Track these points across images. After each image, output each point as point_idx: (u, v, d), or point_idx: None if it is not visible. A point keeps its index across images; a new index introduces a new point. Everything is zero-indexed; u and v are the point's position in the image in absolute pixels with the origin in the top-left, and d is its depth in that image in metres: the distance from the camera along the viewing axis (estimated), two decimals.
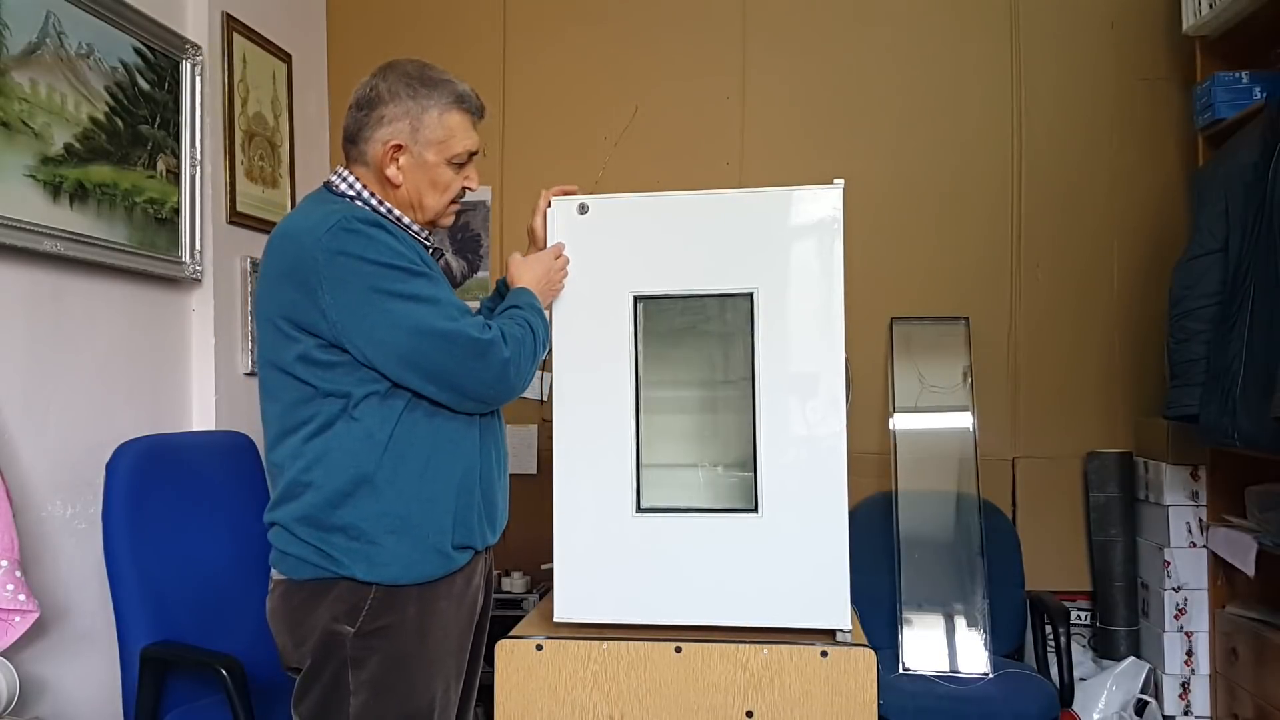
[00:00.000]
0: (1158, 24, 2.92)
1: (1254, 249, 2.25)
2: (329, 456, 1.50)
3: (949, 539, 2.72)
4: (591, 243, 1.77)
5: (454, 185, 1.65)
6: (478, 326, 1.53)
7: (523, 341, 1.58)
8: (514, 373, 1.56)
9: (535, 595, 2.76)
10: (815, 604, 1.74)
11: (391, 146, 1.58)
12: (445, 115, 1.60)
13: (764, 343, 1.75)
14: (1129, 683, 2.69)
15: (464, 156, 1.64)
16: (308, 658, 1.51)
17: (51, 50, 2.03)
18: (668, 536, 1.76)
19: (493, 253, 3.13)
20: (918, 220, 3.01)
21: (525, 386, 1.60)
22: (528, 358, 1.59)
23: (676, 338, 1.88)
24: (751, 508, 1.76)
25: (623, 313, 1.77)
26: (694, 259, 1.78)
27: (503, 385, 1.56)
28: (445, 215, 1.68)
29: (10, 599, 1.76)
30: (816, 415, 1.75)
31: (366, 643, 1.49)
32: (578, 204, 1.78)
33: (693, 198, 1.80)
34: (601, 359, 1.77)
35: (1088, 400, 2.94)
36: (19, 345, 1.98)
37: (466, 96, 1.63)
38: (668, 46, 3.11)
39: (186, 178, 2.47)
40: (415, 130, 1.59)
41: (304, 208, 1.62)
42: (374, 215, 1.54)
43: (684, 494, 1.84)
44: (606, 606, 1.77)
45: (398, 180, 1.60)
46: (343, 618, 1.49)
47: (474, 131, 1.66)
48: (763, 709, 1.70)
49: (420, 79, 1.60)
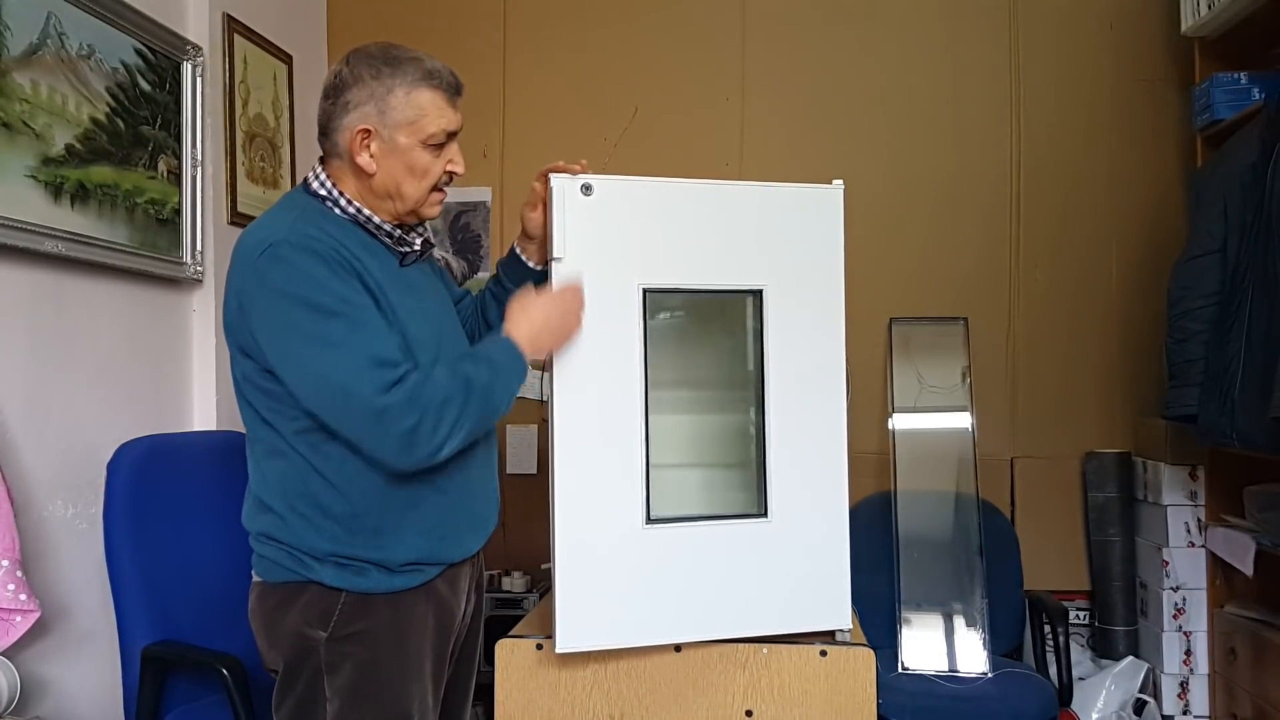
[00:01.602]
0: (1156, 25, 2.92)
1: (1252, 249, 2.25)
2: (283, 481, 1.46)
3: (948, 539, 2.73)
4: (596, 228, 1.62)
5: (433, 170, 1.50)
6: (381, 386, 1.35)
7: (445, 404, 1.38)
8: (423, 442, 1.37)
9: (535, 595, 2.77)
10: (818, 606, 1.74)
11: (359, 132, 1.46)
12: (413, 93, 1.47)
13: (773, 341, 1.71)
14: (1127, 682, 2.69)
15: (440, 137, 1.49)
16: (282, 662, 1.47)
17: (52, 51, 2.03)
18: (678, 548, 1.66)
19: (492, 253, 3.14)
20: (917, 221, 3.01)
21: (450, 451, 1.41)
22: (450, 422, 1.38)
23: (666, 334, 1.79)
24: (760, 512, 1.71)
25: (631, 306, 1.65)
26: (703, 252, 1.69)
27: (406, 456, 1.38)
28: (428, 204, 1.54)
29: (11, 599, 1.76)
30: (821, 415, 1.75)
31: (340, 648, 1.44)
32: (581, 184, 1.61)
33: (706, 186, 1.71)
34: (607, 356, 1.64)
35: (1086, 400, 2.95)
36: (20, 345, 1.99)
37: (436, 72, 1.49)
38: (668, 47, 3.11)
39: (187, 178, 2.47)
40: (383, 113, 1.46)
41: (269, 214, 1.52)
42: (310, 239, 1.39)
43: (686, 500, 1.75)
44: (613, 630, 1.65)
45: (371, 169, 1.48)
46: (315, 623, 1.44)
47: (450, 109, 1.50)
48: (762, 708, 1.70)
49: (384, 58, 1.47)
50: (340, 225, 1.48)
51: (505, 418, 1.68)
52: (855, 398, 2.86)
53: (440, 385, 1.39)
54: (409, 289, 1.52)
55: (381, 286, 1.44)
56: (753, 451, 1.76)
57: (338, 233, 1.45)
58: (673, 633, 1.68)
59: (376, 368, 1.36)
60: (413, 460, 1.39)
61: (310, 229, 1.41)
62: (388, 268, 1.50)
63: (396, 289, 1.48)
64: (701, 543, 1.68)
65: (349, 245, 1.44)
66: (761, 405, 1.72)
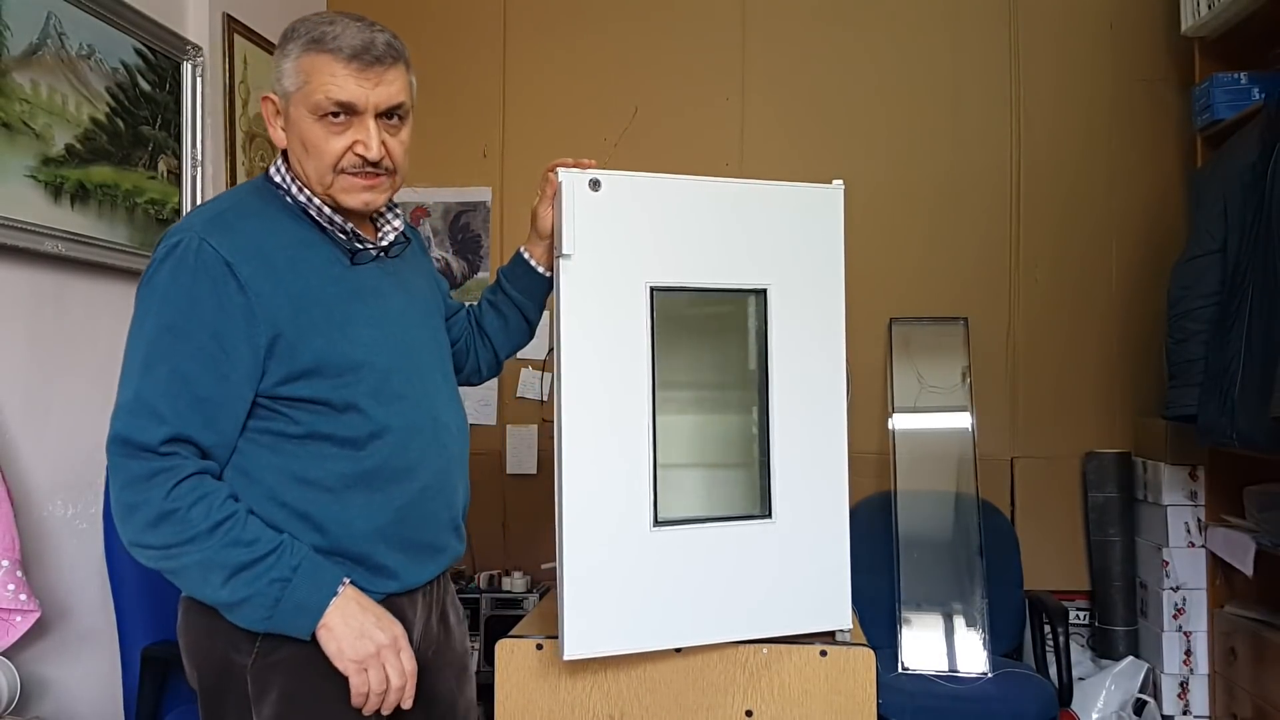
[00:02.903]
0: (1156, 25, 2.92)
1: (1252, 249, 2.26)
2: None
3: (948, 539, 2.73)
4: (603, 224, 1.58)
5: (327, 148, 1.34)
6: (153, 433, 1.24)
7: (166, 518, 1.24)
8: (123, 514, 1.28)
9: (535, 595, 2.77)
10: (819, 607, 1.74)
11: (263, 100, 1.40)
12: (302, 58, 1.33)
13: (777, 341, 1.70)
14: (1127, 682, 2.69)
15: (328, 106, 1.32)
16: (205, 688, 1.36)
17: (52, 51, 2.03)
18: (685, 551, 1.63)
19: (492, 253, 3.13)
20: (917, 221, 3.01)
21: (131, 545, 1.29)
22: (163, 539, 1.25)
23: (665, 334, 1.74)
24: (764, 513, 1.70)
25: (639, 305, 1.61)
26: (709, 250, 1.66)
27: (117, 516, 1.29)
28: (340, 190, 1.37)
29: (11, 599, 1.76)
30: (823, 416, 1.74)
31: (265, 676, 1.31)
32: (589, 179, 1.57)
33: (714, 183, 1.68)
34: (615, 356, 1.59)
35: (1086, 400, 2.95)
36: (20, 345, 1.99)
37: (330, 36, 1.32)
38: (668, 47, 3.11)
39: (188, 179, 2.47)
40: (279, 80, 1.36)
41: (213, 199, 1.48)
42: (218, 257, 1.28)
43: (688, 502, 1.72)
44: (621, 635, 1.60)
45: (281, 142, 1.40)
46: (241, 647, 1.31)
47: (349, 80, 1.32)
48: (762, 708, 1.70)
49: (293, 27, 1.37)
50: (290, 216, 1.39)
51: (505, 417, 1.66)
52: (855, 398, 2.86)
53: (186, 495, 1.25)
54: (356, 293, 1.39)
55: (310, 295, 1.33)
56: (753, 452, 1.76)
57: (276, 228, 1.36)
58: (680, 636, 1.65)
59: (154, 420, 1.26)
60: (119, 525, 1.29)
61: (225, 232, 1.30)
62: (330, 271, 1.38)
63: (338, 293, 1.36)
64: (707, 545, 1.66)
65: (281, 245, 1.34)
66: (765, 405, 1.71)
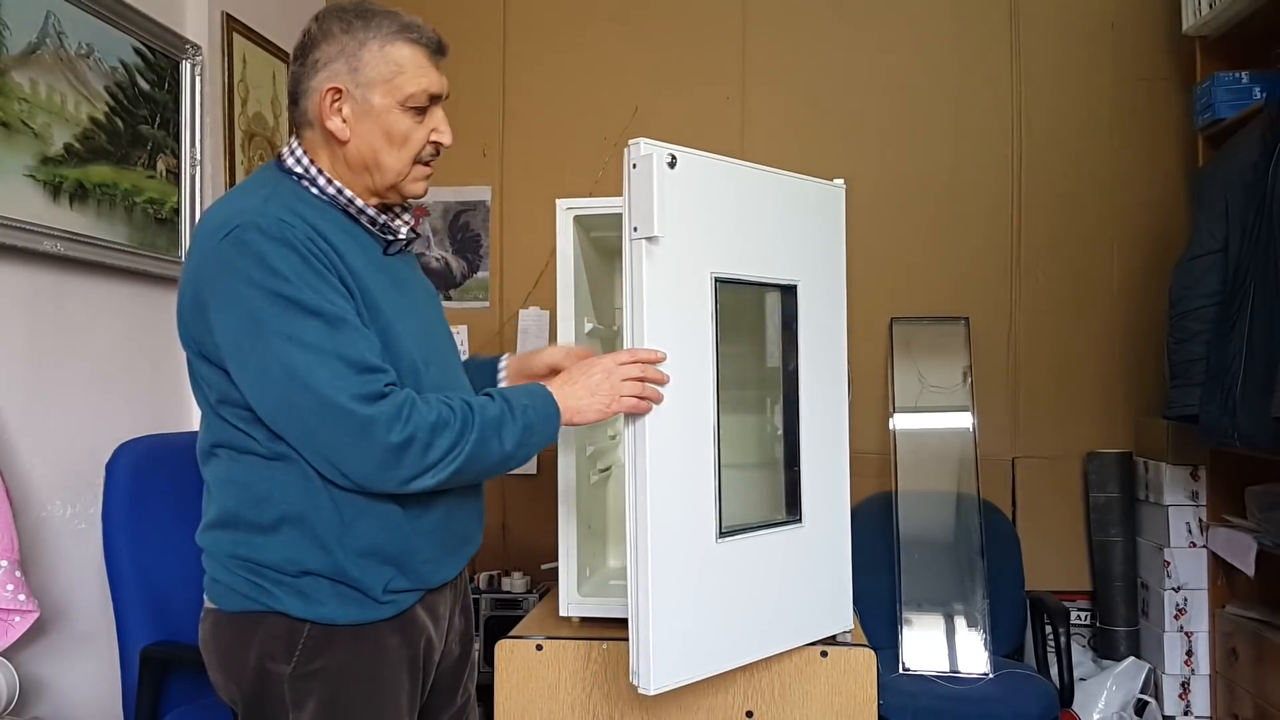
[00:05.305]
0: (1157, 24, 2.92)
1: (1254, 249, 2.25)
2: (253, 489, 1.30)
3: (949, 539, 2.72)
4: (675, 207, 1.46)
5: (414, 137, 1.35)
6: (363, 394, 1.20)
7: (438, 427, 1.24)
8: (409, 463, 1.23)
9: (535, 595, 2.76)
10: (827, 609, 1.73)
11: (328, 92, 1.32)
12: (388, 47, 1.32)
13: (806, 339, 1.67)
14: (1129, 683, 2.69)
15: (421, 98, 1.35)
16: (241, 699, 1.33)
17: (51, 50, 2.03)
18: (743, 561, 1.55)
19: (492, 253, 3.13)
20: (918, 220, 3.01)
21: (431, 485, 1.26)
22: (441, 449, 1.24)
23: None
24: (795, 517, 1.66)
25: (705, 296, 1.50)
26: (760, 241, 1.60)
27: (386, 475, 1.23)
28: (411, 179, 1.38)
29: (10, 599, 1.75)
30: (829, 416, 1.74)
31: (304, 685, 1.29)
32: (668, 156, 1.45)
33: (769, 173, 1.63)
34: (685, 352, 1.47)
35: (1087, 400, 2.95)
36: (19, 345, 1.98)
37: (415, 26, 1.35)
38: (668, 47, 3.11)
39: (186, 178, 2.47)
40: (355, 70, 1.32)
41: (237, 191, 1.38)
42: (282, 225, 1.23)
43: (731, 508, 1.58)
44: (699, 659, 1.48)
45: (344, 135, 1.33)
46: (278, 656, 1.29)
47: (434, 70, 1.36)
48: (762, 709, 1.70)
49: (356, 13, 1.33)
50: (316, 208, 1.33)
51: None
52: (856, 397, 2.86)
53: (432, 406, 1.25)
54: (394, 283, 1.38)
55: (363, 281, 1.30)
56: (773, 452, 1.73)
57: (313, 217, 1.30)
58: (746, 653, 1.56)
59: (358, 373, 1.21)
60: (392, 481, 1.25)
61: (282, 212, 1.26)
62: (370, 258, 1.35)
63: (380, 283, 1.34)
64: (758, 554, 1.58)
65: (326, 233, 1.29)
66: (794, 405, 1.66)
